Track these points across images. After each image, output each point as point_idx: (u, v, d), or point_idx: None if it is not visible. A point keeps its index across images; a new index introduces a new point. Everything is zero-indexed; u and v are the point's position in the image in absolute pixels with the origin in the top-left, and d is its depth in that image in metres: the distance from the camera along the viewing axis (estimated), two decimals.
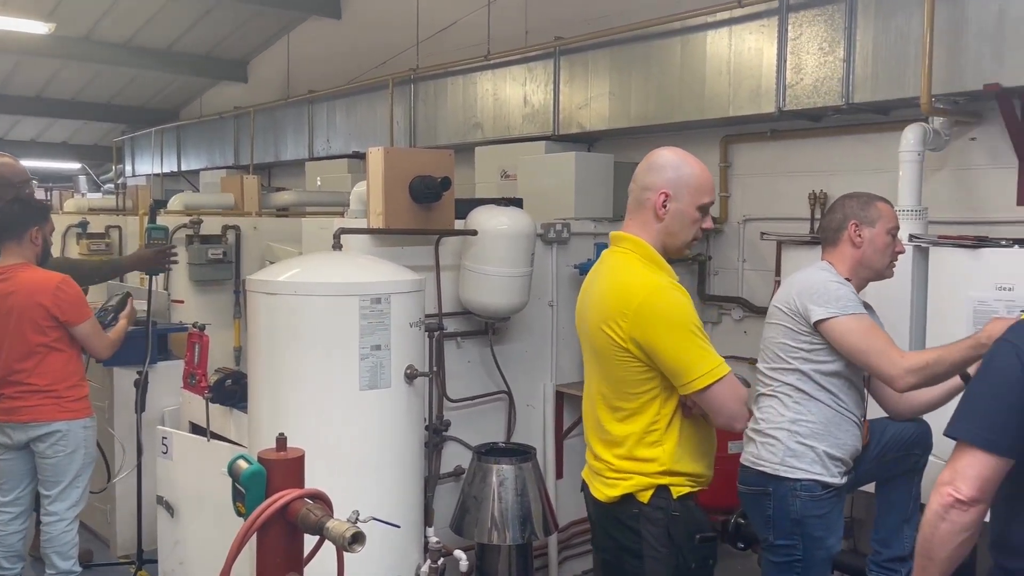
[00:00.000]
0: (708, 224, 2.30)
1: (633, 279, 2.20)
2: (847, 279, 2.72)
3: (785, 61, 4.30)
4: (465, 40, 6.58)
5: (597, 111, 5.35)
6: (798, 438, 2.65)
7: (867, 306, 2.79)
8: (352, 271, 3.12)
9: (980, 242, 3.24)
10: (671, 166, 2.24)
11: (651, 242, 2.25)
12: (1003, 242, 3.20)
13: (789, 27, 4.30)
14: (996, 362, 1.83)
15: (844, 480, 2.69)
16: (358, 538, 1.67)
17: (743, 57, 4.53)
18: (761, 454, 2.71)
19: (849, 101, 4.06)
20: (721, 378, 2.12)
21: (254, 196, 6.58)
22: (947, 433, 1.82)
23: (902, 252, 2.83)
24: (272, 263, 4.21)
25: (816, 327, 2.60)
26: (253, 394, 3.16)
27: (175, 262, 4.28)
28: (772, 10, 4.36)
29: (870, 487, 3.05)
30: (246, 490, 1.76)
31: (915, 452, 2.91)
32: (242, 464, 1.79)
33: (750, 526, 3.93)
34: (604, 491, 2.29)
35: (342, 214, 4.58)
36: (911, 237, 3.43)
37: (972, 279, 3.20)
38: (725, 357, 2.20)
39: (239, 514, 1.79)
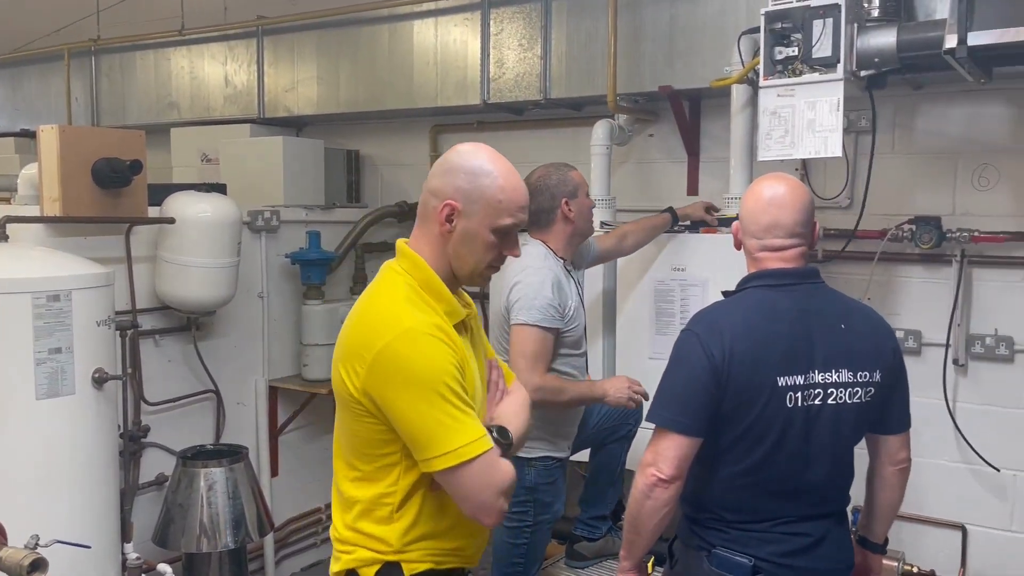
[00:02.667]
0: (514, 252, 1.79)
1: (383, 314, 1.69)
2: (563, 257, 2.84)
3: (488, 55, 4.47)
4: (156, 12, 6.03)
5: (305, 95, 5.20)
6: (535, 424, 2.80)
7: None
8: (21, 265, 2.79)
9: None
10: (466, 170, 1.72)
11: (435, 263, 1.75)
12: (676, 229, 3.61)
13: (491, 22, 4.47)
14: (683, 353, 2.00)
15: (569, 452, 2.90)
16: (39, 565, 1.51)
17: (449, 49, 4.64)
18: None
19: (547, 96, 4.31)
20: (471, 459, 1.61)
21: None
22: (647, 419, 2.02)
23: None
24: None
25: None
26: None
27: None
28: (475, 4, 4.51)
29: (580, 456, 3.29)
30: None
31: (630, 422, 3.17)
32: None
33: None
34: (332, 565, 1.82)
35: (9, 200, 4.07)
36: (602, 224, 3.77)
37: (653, 262, 3.58)
38: None
39: None
